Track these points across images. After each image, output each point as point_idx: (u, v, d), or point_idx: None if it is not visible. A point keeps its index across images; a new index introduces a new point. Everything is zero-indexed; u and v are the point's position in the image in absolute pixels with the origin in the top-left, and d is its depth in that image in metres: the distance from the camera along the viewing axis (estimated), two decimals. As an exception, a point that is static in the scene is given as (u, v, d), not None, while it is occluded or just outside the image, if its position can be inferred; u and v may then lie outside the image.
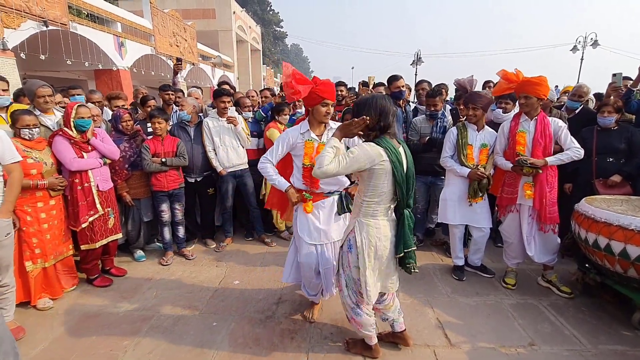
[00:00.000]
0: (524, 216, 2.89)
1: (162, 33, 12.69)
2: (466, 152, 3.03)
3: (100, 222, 3.06)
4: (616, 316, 2.61)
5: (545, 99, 2.85)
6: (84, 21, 8.96)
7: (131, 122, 3.47)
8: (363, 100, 1.92)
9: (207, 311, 2.73)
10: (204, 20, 19.63)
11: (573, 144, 2.73)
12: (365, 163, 1.80)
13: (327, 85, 2.26)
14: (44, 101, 2.97)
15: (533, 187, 2.77)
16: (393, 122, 1.87)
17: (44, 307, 2.75)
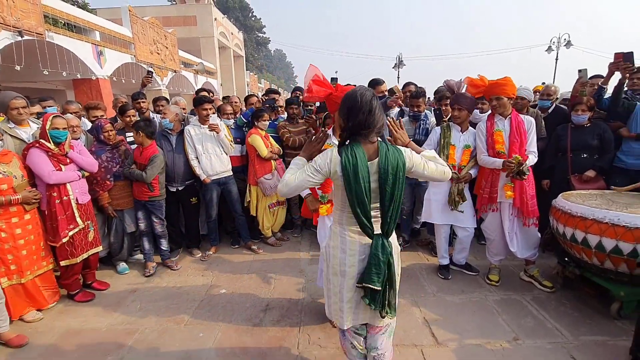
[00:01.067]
0: (505, 214, 2.96)
1: (142, 41, 12.53)
2: (448, 152, 3.07)
3: (81, 235, 2.98)
4: (596, 307, 2.69)
5: (514, 97, 2.93)
6: (60, 30, 8.77)
7: (113, 132, 3.40)
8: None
9: (193, 322, 2.68)
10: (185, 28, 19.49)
11: (533, 150, 2.85)
12: (324, 172, 1.56)
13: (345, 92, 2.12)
14: (17, 113, 2.89)
15: (513, 188, 2.84)
16: (368, 121, 1.51)
17: (34, 319, 2.70)
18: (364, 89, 1.57)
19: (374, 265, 1.53)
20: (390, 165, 1.51)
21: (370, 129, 1.52)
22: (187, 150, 3.64)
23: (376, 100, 1.55)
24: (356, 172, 1.47)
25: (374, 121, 1.52)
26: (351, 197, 1.51)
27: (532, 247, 3.01)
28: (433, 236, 3.48)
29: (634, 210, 2.39)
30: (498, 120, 2.92)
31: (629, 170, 3.21)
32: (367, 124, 1.51)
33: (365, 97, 1.53)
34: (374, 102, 1.53)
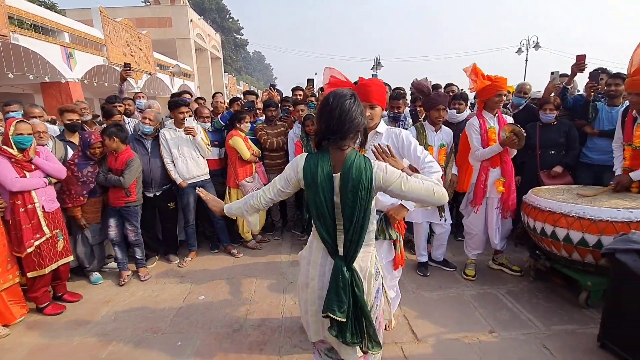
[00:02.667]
0: (491, 208, 3.04)
1: (114, 42, 12.16)
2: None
3: (49, 245, 2.85)
4: (566, 297, 2.81)
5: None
6: (26, 32, 8.38)
7: (100, 149, 3.23)
8: None
9: (171, 331, 2.61)
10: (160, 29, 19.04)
11: None
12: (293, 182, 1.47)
13: (364, 87, 1.93)
14: None
15: (504, 183, 2.94)
16: (336, 126, 1.33)
17: (0, 335, 2.56)
18: (344, 90, 1.40)
19: (333, 290, 1.36)
20: (351, 180, 1.30)
21: (338, 135, 1.34)
22: (163, 154, 3.54)
23: (353, 103, 1.36)
24: (315, 182, 1.34)
25: (343, 126, 1.33)
26: (311, 209, 1.40)
27: (505, 237, 3.18)
28: (412, 234, 3.53)
29: (597, 203, 2.51)
30: (488, 118, 2.99)
31: (593, 165, 3.37)
32: (334, 129, 1.33)
33: (337, 98, 1.35)
34: (347, 104, 1.34)
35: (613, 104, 3.32)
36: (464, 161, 3.17)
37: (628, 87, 2.67)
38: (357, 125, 1.36)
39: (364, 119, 1.39)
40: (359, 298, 1.37)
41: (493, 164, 2.97)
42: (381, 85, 1.99)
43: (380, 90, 1.96)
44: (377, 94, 1.93)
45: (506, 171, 2.96)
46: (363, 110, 1.41)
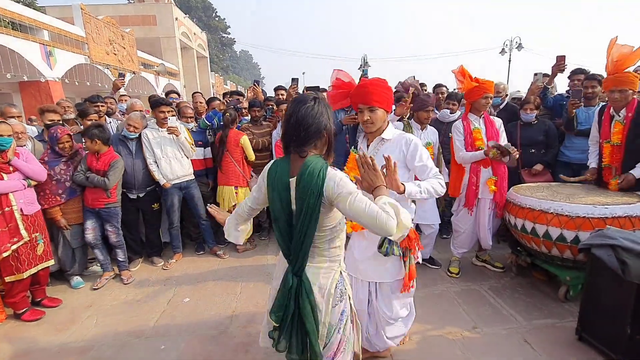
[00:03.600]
0: (483, 209, 3.04)
1: (96, 41, 11.89)
2: None
3: (27, 249, 2.77)
4: (546, 292, 2.88)
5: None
6: (4, 29, 8.12)
7: (70, 143, 3.15)
8: None
9: (155, 334, 2.57)
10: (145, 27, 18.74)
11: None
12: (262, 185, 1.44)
13: (362, 88, 1.83)
14: None
15: (495, 182, 2.95)
16: (292, 132, 1.31)
17: None
18: (305, 96, 1.35)
19: (280, 293, 1.35)
20: (302, 187, 1.25)
21: (295, 142, 1.31)
22: (146, 154, 3.48)
23: (311, 110, 1.30)
24: (273, 186, 1.33)
25: (299, 133, 1.29)
26: (271, 212, 1.39)
27: (494, 235, 3.23)
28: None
29: (575, 200, 2.58)
30: (474, 120, 3.00)
31: (571, 164, 3.47)
32: (291, 135, 1.31)
33: (294, 105, 1.32)
34: (303, 111, 1.29)
35: (589, 105, 3.42)
36: (455, 164, 3.14)
37: (611, 85, 2.66)
38: (314, 132, 1.30)
39: (325, 125, 1.32)
40: (302, 310, 1.31)
41: (484, 164, 2.96)
42: (382, 86, 1.78)
43: (381, 91, 1.77)
44: (377, 95, 1.75)
45: (497, 170, 2.96)
46: (327, 116, 1.33)
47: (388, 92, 1.81)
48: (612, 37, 2.66)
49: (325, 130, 1.33)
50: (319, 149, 1.35)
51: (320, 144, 1.35)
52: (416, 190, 1.66)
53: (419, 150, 1.80)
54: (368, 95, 1.77)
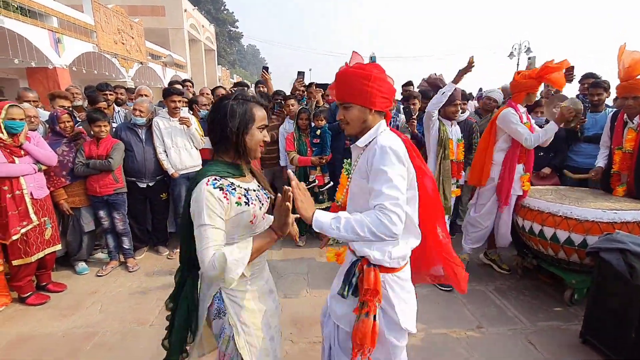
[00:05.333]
0: (509, 207, 2.96)
1: (105, 29, 11.89)
2: (450, 146, 2.95)
3: (36, 233, 2.79)
4: (551, 295, 2.87)
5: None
6: (12, 14, 8.12)
7: (70, 123, 3.18)
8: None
9: (160, 322, 2.58)
10: (153, 18, 18.71)
11: None
12: None
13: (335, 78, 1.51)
14: None
15: (528, 178, 2.91)
16: (209, 134, 1.31)
17: None
18: (229, 94, 1.31)
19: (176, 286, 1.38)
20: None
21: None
22: (155, 143, 3.49)
23: (217, 108, 1.25)
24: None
25: (210, 135, 1.28)
26: None
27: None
28: None
29: (584, 204, 2.57)
30: (522, 113, 2.88)
31: (579, 169, 3.44)
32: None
33: (213, 104, 1.30)
34: (210, 110, 1.30)
35: (596, 111, 3.41)
36: (484, 155, 3.02)
37: (624, 92, 2.64)
38: (214, 134, 1.25)
39: (229, 127, 1.20)
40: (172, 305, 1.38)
41: (519, 159, 2.89)
42: (357, 75, 1.30)
43: (353, 81, 1.31)
44: (350, 87, 1.31)
45: (529, 166, 2.92)
46: (233, 117, 1.21)
47: (367, 82, 1.29)
48: (621, 44, 2.63)
49: (233, 135, 1.21)
50: (230, 153, 1.27)
51: (227, 147, 1.25)
52: (328, 224, 1.16)
53: (379, 165, 1.23)
54: (339, 88, 1.36)
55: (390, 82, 1.36)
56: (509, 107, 2.87)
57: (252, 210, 1.26)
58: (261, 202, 1.32)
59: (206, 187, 1.16)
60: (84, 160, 3.14)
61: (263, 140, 1.30)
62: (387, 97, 1.33)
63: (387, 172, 1.20)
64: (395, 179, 1.19)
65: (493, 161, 2.96)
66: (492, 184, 2.99)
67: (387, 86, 1.33)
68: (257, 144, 1.28)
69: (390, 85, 1.35)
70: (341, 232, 1.14)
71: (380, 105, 1.32)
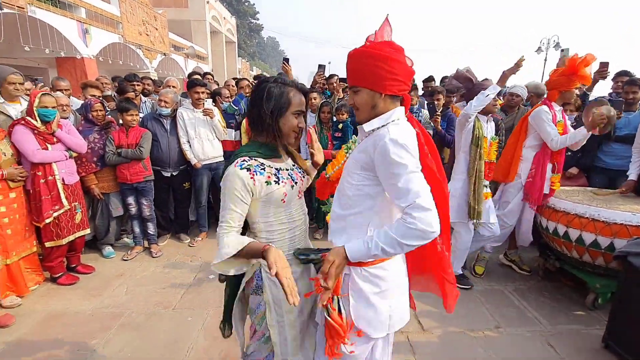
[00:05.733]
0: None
1: (130, 20, 12.15)
2: (484, 145, 2.67)
3: (67, 217, 2.92)
4: (573, 298, 2.81)
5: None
6: (43, 5, 8.41)
7: (102, 112, 3.31)
8: None
9: (182, 306, 2.68)
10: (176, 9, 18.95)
11: None
12: None
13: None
14: (14, 89, 2.78)
15: (559, 178, 2.84)
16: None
17: (12, 305, 2.62)
18: (266, 77, 1.36)
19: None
20: None
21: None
22: (179, 133, 3.58)
23: (254, 91, 1.28)
24: None
25: (248, 117, 1.36)
26: None
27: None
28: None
29: (613, 206, 2.49)
30: (557, 111, 2.81)
31: (609, 170, 3.33)
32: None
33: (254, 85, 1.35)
34: (253, 93, 1.30)
35: (630, 110, 3.26)
36: (513, 151, 2.95)
37: None
38: (251, 114, 1.28)
39: (264, 109, 1.22)
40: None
41: (552, 158, 2.80)
42: (365, 55, 1.16)
43: (361, 62, 1.17)
44: (356, 68, 1.19)
45: (560, 166, 2.84)
46: (269, 99, 1.22)
47: (376, 63, 1.14)
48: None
49: (267, 117, 1.23)
50: (264, 135, 1.29)
51: (264, 130, 1.26)
52: (366, 254, 1.11)
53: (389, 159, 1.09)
54: (349, 70, 1.23)
55: (407, 63, 1.17)
56: (543, 105, 2.80)
57: (283, 189, 1.27)
58: (294, 181, 1.33)
59: (234, 169, 1.22)
60: (114, 149, 3.25)
61: (298, 126, 1.28)
62: (400, 79, 1.15)
63: (407, 165, 1.08)
64: (417, 173, 1.09)
65: (522, 157, 2.89)
66: (518, 181, 2.92)
67: (401, 67, 1.14)
68: (290, 129, 1.28)
69: (405, 67, 1.16)
70: (381, 255, 1.10)
71: (392, 88, 1.16)
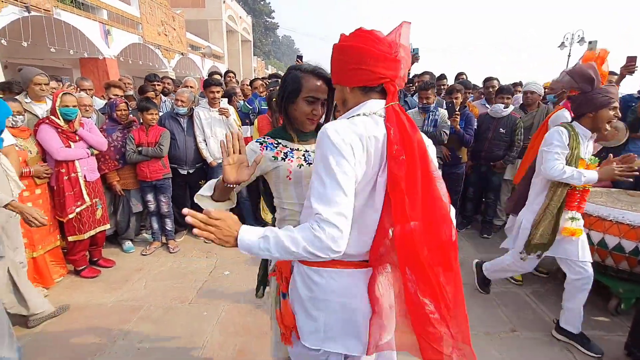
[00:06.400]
0: None
1: (150, 21, 12.41)
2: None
3: (88, 212, 3.03)
4: (595, 303, 2.71)
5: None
6: (68, 7, 8.70)
7: (126, 111, 3.42)
8: None
9: (198, 301, 2.74)
10: (193, 9, 19.23)
11: None
12: None
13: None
14: (39, 89, 2.92)
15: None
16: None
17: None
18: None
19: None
20: None
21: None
22: (196, 132, 3.66)
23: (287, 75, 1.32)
24: None
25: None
26: None
27: None
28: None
29: (638, 209, 2.39)
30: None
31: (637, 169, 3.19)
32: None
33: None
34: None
35: None
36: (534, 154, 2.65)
37: None
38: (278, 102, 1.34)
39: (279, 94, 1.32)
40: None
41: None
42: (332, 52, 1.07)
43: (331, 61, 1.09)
44: (332, 65, 1.09)
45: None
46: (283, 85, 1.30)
47: (338, 57, 1.06)
48: None
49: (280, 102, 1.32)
50: (284, 120, 1.35)
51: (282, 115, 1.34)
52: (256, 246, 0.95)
53: (318, 159, 0.97)
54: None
55: (381, 49, 0.98)
56: (564, 109, 2.70)
57: (288, 166, 1.29)
58: (308, 162, 1.31)
59: (249, 144, 1.33)
60: (135, 147, 3.34)
61: (312, 112, 1.25)
62: (365, 68, 0.99)
63: (331, 166, 0.93)
64: (339, 177, 0.92)
65: None
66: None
67: (368, 55, 0.98)
68: (302, 114, 1.27)
69: (373, 53, 0.98)
70: (273, 253, 0.93)
71: (355, 79, 1.03)
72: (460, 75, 5.09)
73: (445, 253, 1.00)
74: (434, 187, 0.99)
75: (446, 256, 1.00)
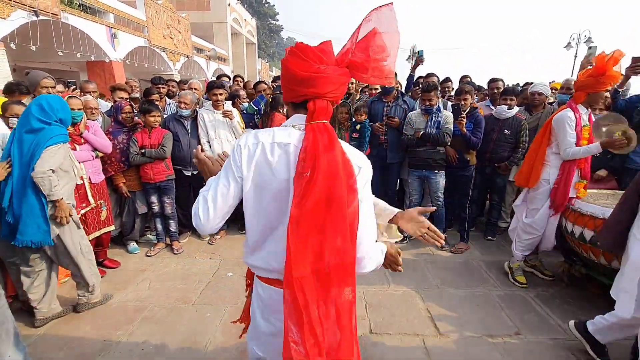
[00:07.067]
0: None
1: (155, 25, 12.55)
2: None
3: (93, 214, 3.06)
4: (601, 307, 2.67)
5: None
6: (75, 11, 8.82)
7: (132, 114, 3.46)
8: None
9: (201, 302, 2.75)
10: (199, 12, 19.41)
11: None
12: None
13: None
14: (46, 92, 2.95)
15: (585, 186, 2.71)
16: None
17: None
18: None
19: None
20: None
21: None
22: (200, 134, 3.68)
23: None
24: None
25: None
26: None
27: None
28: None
29: (645, 211, 2.36)
30: (584, 114, 2.67)
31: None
32: None
33: None
34: None
35: None
36: (535, 155, 2.84)
37: None
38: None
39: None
40: None
41: (579, 164, 2.69)
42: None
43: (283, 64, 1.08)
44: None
45: (586, 173, 2.71)
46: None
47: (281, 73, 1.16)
48: None
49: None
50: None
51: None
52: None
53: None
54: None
55: (292, 66, 1.02)
56: (567, 109, 2.67)
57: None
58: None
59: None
60: (138, 149, 3.38)
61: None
62: (287, 85, 1.07)
63: (223, 168, 1.11)
64: (220, 180, 1.09)
65: (548, 163, 2.77)
66: (546, 186, 2.78)
67: (287, 73, 1.04)
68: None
69: (290, 70, 1.02)
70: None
71: (285, 95, 1.12)
72: (465, 78, 5.06)
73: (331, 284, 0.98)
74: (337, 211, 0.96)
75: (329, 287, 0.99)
